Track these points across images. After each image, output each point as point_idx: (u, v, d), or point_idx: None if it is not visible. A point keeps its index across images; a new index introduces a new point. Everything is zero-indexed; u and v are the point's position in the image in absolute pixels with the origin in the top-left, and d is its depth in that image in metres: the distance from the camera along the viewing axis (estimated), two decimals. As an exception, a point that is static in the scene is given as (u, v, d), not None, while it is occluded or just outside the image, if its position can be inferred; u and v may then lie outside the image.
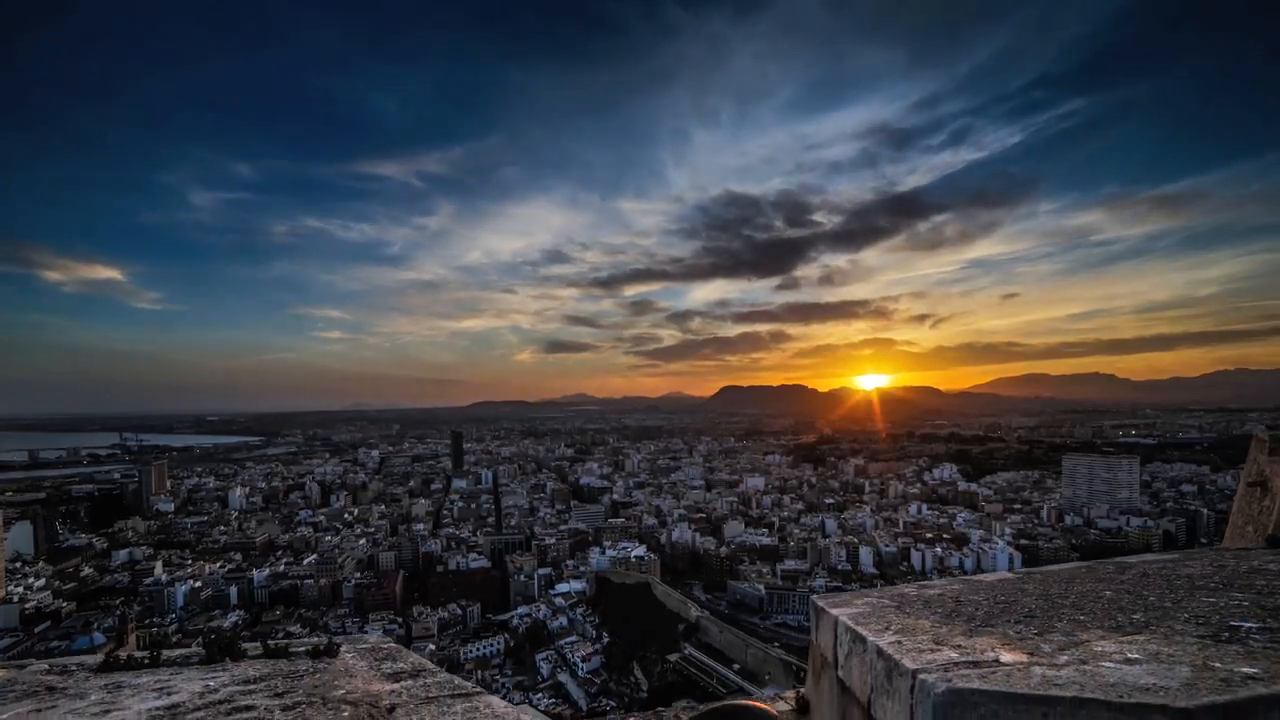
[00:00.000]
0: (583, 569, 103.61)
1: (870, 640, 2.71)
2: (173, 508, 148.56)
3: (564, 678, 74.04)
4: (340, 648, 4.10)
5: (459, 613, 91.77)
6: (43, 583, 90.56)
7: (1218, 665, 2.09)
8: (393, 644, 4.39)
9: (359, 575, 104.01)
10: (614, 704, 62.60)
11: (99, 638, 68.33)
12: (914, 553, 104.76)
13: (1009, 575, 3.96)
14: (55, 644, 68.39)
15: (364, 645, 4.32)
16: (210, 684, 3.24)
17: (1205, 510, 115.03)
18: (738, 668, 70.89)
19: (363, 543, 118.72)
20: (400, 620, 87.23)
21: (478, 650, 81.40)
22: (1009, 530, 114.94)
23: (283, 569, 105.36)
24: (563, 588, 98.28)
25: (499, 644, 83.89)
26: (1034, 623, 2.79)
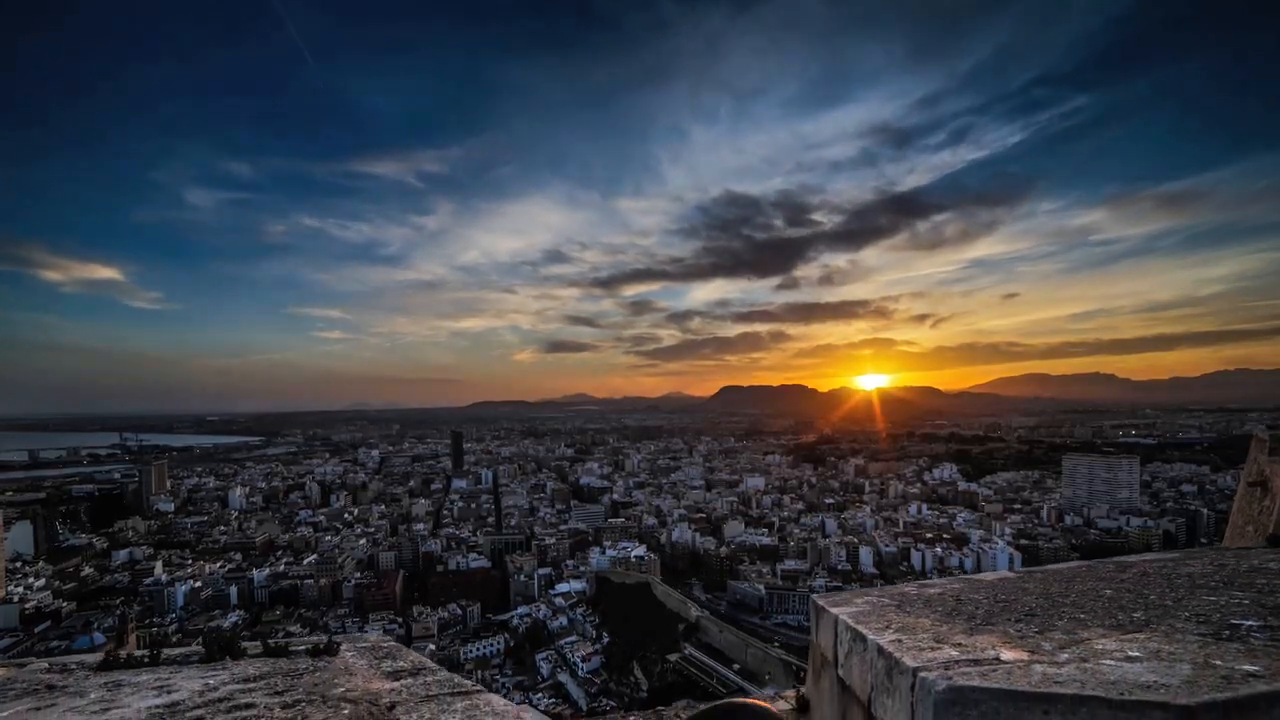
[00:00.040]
0: (583, 569, 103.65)
1: (871, 639, 2.71)
2: (173, 508, 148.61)
3: (564, 677, 74.06)
4: (340, 646, 4.10)
5: (459, 613, 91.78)
6: (43, 583, 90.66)
7: (1219, 663, 2.09)
8: (393, 643, 4.40)
9: (359, 575, 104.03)
10: (614, 704, 62.49)
11: (99, 637, 68.54)
12: (914, 553, 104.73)
13: (1009, 574, 3.95)
14: (55, 644, 68.61)
15: (364, 644, 4.33)
16: (210, 682, 3.25)
17: (1205, 510, 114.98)
18: (738, 667, 70.89)
19: (363, 543, 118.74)
20: (400, 620, 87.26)
21: (478, 650, 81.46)
22: (1009, 530, 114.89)
23: (283, 569, 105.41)
24: (563, 588, 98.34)
25: (499, 644, 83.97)
26: (1034, 621, 2.79)
